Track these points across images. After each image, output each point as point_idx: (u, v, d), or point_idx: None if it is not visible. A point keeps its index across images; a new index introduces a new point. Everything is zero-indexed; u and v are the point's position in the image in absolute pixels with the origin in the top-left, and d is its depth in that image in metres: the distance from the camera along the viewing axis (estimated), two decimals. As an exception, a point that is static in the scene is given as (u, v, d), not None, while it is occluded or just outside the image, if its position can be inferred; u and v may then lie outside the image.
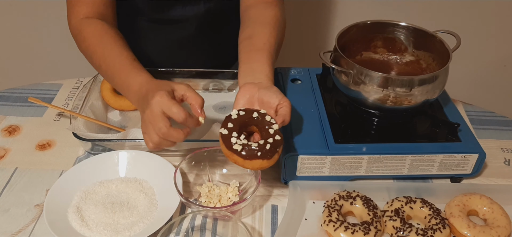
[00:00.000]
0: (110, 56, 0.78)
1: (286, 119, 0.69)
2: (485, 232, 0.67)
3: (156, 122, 0.65)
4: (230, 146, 0.65)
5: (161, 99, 0.65)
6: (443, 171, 0.77)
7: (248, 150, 0.65)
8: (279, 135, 0.67)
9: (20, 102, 0.97)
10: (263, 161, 0.65)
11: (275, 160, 0.66)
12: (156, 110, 0.65)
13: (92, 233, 0.68)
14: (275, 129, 0.67)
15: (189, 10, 0.94)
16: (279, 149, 0.66)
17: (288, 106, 0.69)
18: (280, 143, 0.66)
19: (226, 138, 0.66)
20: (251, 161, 0.65)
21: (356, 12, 1.63)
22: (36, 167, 0.81)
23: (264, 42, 0.81)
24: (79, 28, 0.83)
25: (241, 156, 0.65)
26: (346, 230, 0.66)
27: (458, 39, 0.81)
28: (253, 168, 0.66)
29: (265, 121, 0.69)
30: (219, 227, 0.70)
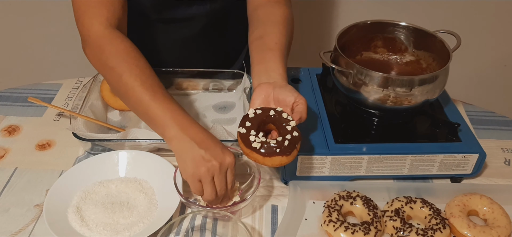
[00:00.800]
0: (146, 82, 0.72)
1: (303, 116, 0.70)
2: (485, 232, 0.67)
3: (223, 180, 0.67)
4: (249, 144, 0.66)
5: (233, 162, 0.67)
6: (443, 171, 0.77)
7: (267, 148, 0.66)
8: (297, 132, 0.68)
9: (20, 102, 0.97)
10: (282, 157, 0.65)
11: (294, 156, 0.67)
12: (224, 168, 0.66)
13: (92, 233, 0.68)
14: (293, 125, 0.68)
15: (194, 10, 0.94)
16: (297, 145, 0.67)
17: (304, 104, 0.70)
18: (299, 139, 0.67)
19: (245, 137, 0.67)
20: (270, 158, 0.66)
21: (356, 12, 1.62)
22: (36, 167, 0.81)
23: (276, 42, 0.80)
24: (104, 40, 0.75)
25: (261, 154, 0.66)
26: (346, 230, 0.66)
27: (458, 39, 0.81)
28: (273, 165, 0.66)
29: (282, 118, 0.69)
30: (219, 227, 0.70)
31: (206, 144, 0.67)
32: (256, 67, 0.78)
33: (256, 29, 0.85)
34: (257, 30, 0.84)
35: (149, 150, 0.81)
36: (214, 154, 0.66)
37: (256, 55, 0.80)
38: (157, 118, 0.70)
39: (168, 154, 0.82)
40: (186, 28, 0.97)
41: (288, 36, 0.83)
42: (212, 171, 0.66)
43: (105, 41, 0.75)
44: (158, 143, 0.79)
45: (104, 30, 0.76)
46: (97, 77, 0.94)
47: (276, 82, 0.74)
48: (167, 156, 0.81)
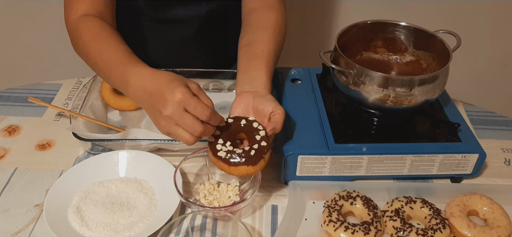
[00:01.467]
0: (106, 52, 0.75)
1: (277, 127, 0.69)
2: (485, 232, 0.67)
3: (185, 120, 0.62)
4: (216, 153, 0.66)
5: (183, 96, 0.62)
6: (443, 171, 0.77)
7: (233, 157, 0.65)
8: (265, 141, 0.67)
9: (20, 102, 0.97)
10: (248, 167, 0.65)
11: (261, 166, 0.66)
12: (178, 108, 0.62)
13: (92, 233, 0.68)
14: (262, 135, 0.68)
15: (191, 10, 0.94)
16: (265, 156, 0.66)
17: (280, 114, 0.69)
18: (267, 149, 0.66)
19: (212, 146, 0.67)
20: (236, 168, 0.65)
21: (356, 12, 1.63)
22: (36, 167, 0.81)
23: (263, 49, 0.80)
24: (76, 25, 0.81)
25: (226, 163, 0.66)
26: (346, 230, 0.66)
27: (458, 39, 0.81)
28: (239, 175, 0.67)
29: (253, 128, 0.69)
30: (219, 227, 0.70)
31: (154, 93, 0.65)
32: (241, 75, 0.79)
33: (246, 34, 0.85)
34: (247, 36, 0.85)
35: (149, 150, 0.81)
36: (162, 101, 0.63)
37: (242, 63, 0.81)
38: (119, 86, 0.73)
39: (168, 154, 0.82)
40: (183, 28, 0.97)
41: (277, 42, 0.84)
42: (170, 120, 0.63)
43: (76, 27, 0.80)
44: (158, 143, 0.79)
45: (78, 18, 0.81)
46: (97, 77, 0.94)
47: (257, 91, 0.74)
48: (167, 156, 0.81)
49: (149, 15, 0.95)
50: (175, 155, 0.82)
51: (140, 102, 0.69)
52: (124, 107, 0.92)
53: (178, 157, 0.81)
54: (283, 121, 0.69)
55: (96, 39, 0.78)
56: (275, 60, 0.82)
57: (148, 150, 0.81)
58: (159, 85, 0.65)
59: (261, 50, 0.80)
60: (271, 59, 0.80)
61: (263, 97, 0.72)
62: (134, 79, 0.69)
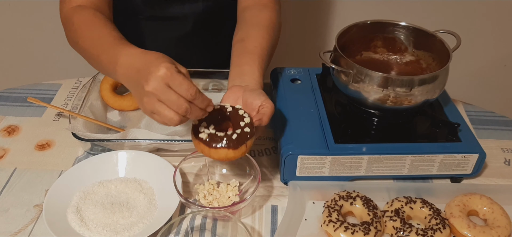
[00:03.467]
0: (98, 37, 0.74)
1: (264, 119, 0.68)
2: (485, 232, 0.67)
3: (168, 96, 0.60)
4: (197, 135, 0.66)
5: (168, 71, 0.59)
6: (443, 171, 0.77)
7: (213, 139, 0.65)
8: (249, 127, 0.67)
9: (19, 102, 0.97)
10: (228, 150, 0.65)
11: (242, 152, 0.66)
12: (161, 84, 0.59)
13: (91, 233, 0.68)
14: (247, 122, 0.68)
15: (187, 8, 0.95)
16: (247, 142, 0.66)
17: (269, 108, 0.69)
18: (250, 135, 0.66)
19: (195, 128, 0.67)
20: (216, 150, 0.65)
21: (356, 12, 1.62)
22: (35, 167, 0.81)
23: (256, 45, 0.81)
24: (69, 15, 0.80)
25: (206, 144, 0.65)
26: (346, 230, 0.66)
27: (458, 39, 0.81)
28: (219, 158, 0.66)
29: (238, 114, 0.69)
30: (219, 228, 0.70)
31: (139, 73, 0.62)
32: (233, 70, 0.79)
33: (240, 31, 0.86)
34: (240, 32, 0.85)
35: (148, 150, 0.81)
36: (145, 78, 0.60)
37: (235, 58, 0.81)
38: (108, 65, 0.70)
39: (168, 154, 0.82)
40: (179, 26, 0.97)
41: (270, 40, 0.84)
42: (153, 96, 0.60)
43: (70, 18, 0.80)
44: (158, 143, 0.79)
45: (71, 9, 0.80)
46: (96, 77, 0.94)
47: (248, 86, 0.74)
48: (167, 156, 0.81)
49: (145, 13, 0.95)
50: (174, 155, 0.82)
51: (128, 82, 0.66)
52: (123, 107, 0.92)
53: (177, 157, 0.81)
54: (270, 115, 0.69)
55: (88, 27, 0.77)
56: (267, 57, 0.83)
57: (147, 150, 0.81)
58: (146, 61, 0.63)
59: (253, 46, 0.81)
60: (263, 55, 0.80)
61: (253, 91, 0.72)
62: (124, 58, 0.67)
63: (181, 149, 0.81)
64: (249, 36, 0.83)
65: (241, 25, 0.88)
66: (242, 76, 0.77)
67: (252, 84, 0.75)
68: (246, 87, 0.74)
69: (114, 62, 0.68)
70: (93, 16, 0.79)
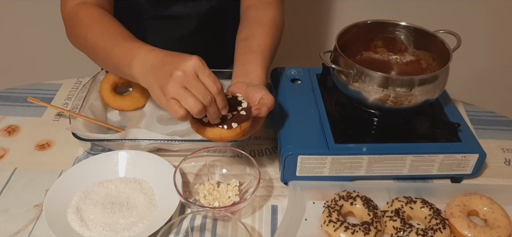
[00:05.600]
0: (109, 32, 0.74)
1: (262, 109, 0.69)
2: (486, 233, 0.67)
3: (196, 85, 0.61)
4: None
5: (200, 61, 0.61)
6: (443, 171, 0.77)
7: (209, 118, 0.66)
8: (245, 111, 0.68)
9: (19, 102, 0.97)
10: (222, 129, 0.66)
11: (236, 133, 0.67)
12: (192, 71, 0.61)
13: (91, 233, 0.68)
14: (244, 107, 0.69)
15: (191, 7, 0.95)
16: (243, 124, 0.67)
17: (269, 100, 0.70)
18: (245, 118, 0.67)
19: None
20: (211, 129, 0.66)
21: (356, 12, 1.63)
22: (35, 167, 0.81)
23: (259, 44, 0.82)
24: (75, 11, 0.79)
25: (202, 123, 0.66)
26: (346, 231, 0.66)
27: (458, 39, 0.81)
28: (213, 137, 0.66)
29: (236, 100, 0.71)
30: (219, 228, 0.70)
31: (165, 62, 0.63)
32: (237, 68, 0.80)
33: (243, 29, 0.87)
34: (244, 31, 0.86)
35: (148, 150, 0.81)
36: (175, 65, 0.61)
37: (239, 57, 0.82)
38: (122, 60, 0.70)
39: (168, 154, 0.82)
40: (181, 26, 0.97)
41: (273, 39, 0.84)
42: (179, 81, 0.61)
43: (74, 14, 0.79)
44: (158, 143, 0.79)
45: (75, 6, 0.80)
46: (96, 77, 0.94)
47: (251, 82, 0.75)
48: (167, 156, 0.81)
49: (149, 12, 0.95)
50: (175, 155, 0.82)
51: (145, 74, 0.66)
52: (123, 107, 0.92)
53: (178, 157, 0.81)
54: (270, 107, 0.70)
55: (98, 22, 0.77)
56: (271, 55, 0.83)
57: (147, 150, 0.81)
58: (174, 54, 0.64)
59: (257, 44, 0.81)
60: (266, 53, 0.81)
61: (256, 86, 0.73)
62: (144, 52, 0.67)
63: (181, 149, 0.81)
64: (253, 34, 0.84)
65: (245, 23, 0.88)
66: (245, 74, 0.77)
67: (255, 81, 0.76)
68: (249, 83, 0.75)
69: (130, 57, 0.68)
70: (102, 12, 0.79)
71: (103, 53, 0.74)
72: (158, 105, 0.92)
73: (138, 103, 0.92)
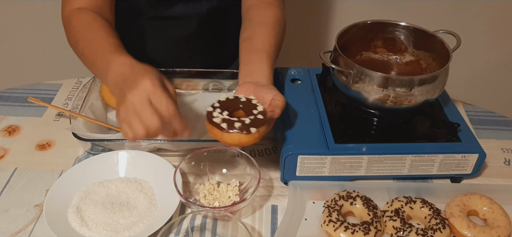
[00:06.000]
0: (95, 40, 0.75)
1: (276, 111, 0.70)
2: (485, 232, 0.67)
3: (144, 111, 0.59)
4: (211, 119, 0.67)
5: (152, 85, 0.59)
6: (443, 171, 0.77)
7: (227, 123, 0.66)
8: (262, 115, 0.68)
9: (19, 102, 0.97)
10: (241, 134, 0.66)
11: (254, 138, 0.67)
12: (143, 96, 0.59)
13: (91, 233, 0.68)
14: (260, 110, 0.69)
15: (191, 8, 0.95)
16: (260, 128, 0.67)
17: (281, 100, 0.70)
18: (262, 122, 0.67)
19: (209, 114, 0.68)
20: (229, 134, 0.66)
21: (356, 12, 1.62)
22: (35, 167, 0.81)
23: (264, 43, 0.81)
24: (70, 17, 0.81)
25: (220, 128, 0.66)
26: (346, 230, 0.66)
27: (458, 39, 0.81)
28: (232, 142, 0.66)
29: (251, 104, 0.71)
30: (219, 227, 0.70)
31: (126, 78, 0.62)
32: (243, 68, 0.80)
33: (246, 29, 0.86)
34: (247, 31, 0.86)
35: (149, 150, 0.81)
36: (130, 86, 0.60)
37: (244, 56, 0.82)
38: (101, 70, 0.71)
39: (168, 154, 0.82)
40: (182, 26, 0.97)
41: (277, 37, 0.84)
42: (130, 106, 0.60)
43: (70, 19, 0.81)
44: (158, 143, 0.79)
45: (72, 11, 0.81)
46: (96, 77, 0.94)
47: (259, 81, 0.75)
48: (167, 156, 0.81)
49: (149, 13, 0.95)
50: (175, 155, 0.82)
51: (115, 89, 0.66)
52: (124, 107, 0.92)
53: (178, 157, 0.81)
54: (283, 107, 0.70)
55: (86, 29, 0.78)
56: (275, 54, 0.83)
57: (148, 150, 0.81)
58: (135, 71, 0.64)
59: (261, 44, 0.81)
60: (271, 52, 0.81)
61: (265, 86, 0.73)
62: (115, 64, 0.67)
63: (181, 149, 0.81)
64: (256, 34, 0.83)
65: (247, 24, 0.88)
66: (252, 74, 0.77)
67: (263, 80, 0.76)
68: (257, 83, 0.74)
69: (106, 68, 0.69)
70: (93, 19, 0.80)
71: (89, 62, 0.76)
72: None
73: (138, 103, 0.92)
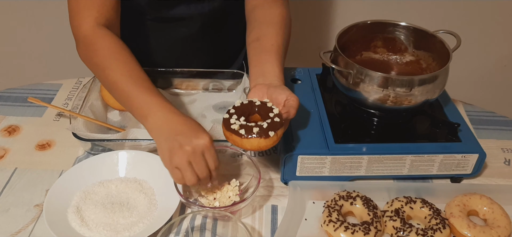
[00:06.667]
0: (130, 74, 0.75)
1: (291, 111, 0.70)
2: (485, 232, 0.67)
3: (200, 162, 0.66)
4: (229, 126, 0.67)
5: (208, 142, 0.66)
6: (443, 171, 0.77)
7: (245, 129, 0.66)
8: (278, 118, 0.68)
9: (19, 102, 0.97)
10: (260, 139, 0.66)
11: (274, 141, 0.67)
12: (200, 149, 0.66)
13: (91, 233, 0.68)
14: (276, 113, 0.69)
15: (193, 9, 0.94)
16: (278, 131, 0.67)
17: (295, 101, 0.70)
18: (279, 125, 0.67)
19: (226, 121, 0.69)
20: (248, 140, 0.66)
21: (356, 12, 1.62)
22: (35, 167, 0.81)
23: (272, 43, 0.81)
24: (92, 38, 0.79)
25: (239, 135, 0.66)
26: (346, 230, 0.66)
27: (458, 39, 0.81)
28: (251, 148, 0.67)
29: (266, 107, 0.70)
30: (219, 227, 0.70)
31: (181, 131, 0.67)
32: (253, 70, 0.79)
33: (253, 30, 0.86)
34: (254, 31, 0.85)
35: (149, 150, 0.81)
36: (188, 139, 0.66)
37: (253, 57, 0.81)
38: (139, 109, 0.72)
39: (168, 154, 0.82)
40: (184, 27, 0.97)
41: (285, 36, 0.84)
42: (187, 156, 0.65)
43: (92, 39, 0.79)
44: (158, 143, 0.79)
45: (92, 29, 0.79)
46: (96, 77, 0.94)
47: (272, 83, 0.75)
48: (167, 156, 0.81)
49: (151, 14, 0.94)
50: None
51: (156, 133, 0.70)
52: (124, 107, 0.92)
53: (178, 157, 0.81)
54: (297, 107, 0.70)
55: (116, 58, 0.77)
56: (284, 53, 0.83)
57: (148, 150, 0.81)
58: (191, 126, 0.68)
59: (270, 44, 0.81)
60: (280, 52, 0.81)
61: (278, 87, 0.73)
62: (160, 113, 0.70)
63: (182, 149, 0.81)
64: (264, 34, 0.83)
65: (253, 24, 0.87)
66: (264, 75, 0.77)
67: (275, 81, 0.76)
68: (270, 84, 0.74)
69: (147, 110, 0.71)
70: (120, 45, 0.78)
71: (122, 95, 0.75)
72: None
73: (138, 103, 0.92)
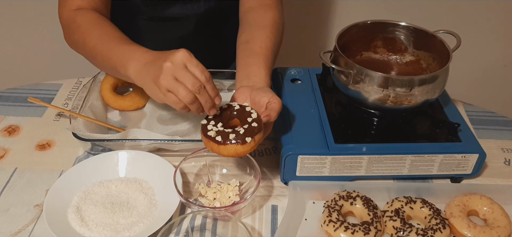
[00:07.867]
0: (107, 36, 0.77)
1: (272, 114, 0.69)
2: (485, 232, 0.67)
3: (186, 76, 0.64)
4: (206, 133, 0.67)
5: (188, 54, 0.65)
6: (443, 171, 0.77)
7: (222, 136, 0.66)
8: (257, 122, 0.68)
9: (19, 102, 0.97)
10: (237, 146, 0.66)
11: (250, 147, 0.66)
12: (180, 63, 0.64)
13: (91, 233, 0.68)
14: (254, 118, 0.69)
15: (188, 9, 0.95)
16: (255, 137, 0.67)
17: (277, 103, 0.70)
18: (257, 130, 0.67)
19: (204, 127, 0.69)
20: (225, 147, 0.66)
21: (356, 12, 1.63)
22: (35, 167, 0.81)
23: (261, 46, 0.81)
24: (73, 17, 0.82)
25: (216, 142, 0.66)
26: (346, 230, 0.66)
27: (458, 39, 0.81)
28: (229, 154, 0.67)
29: (245, 111, 0.70)
30: (219, 227, 0.70)
31: (157, 57, 0.67)
32: (240, 72, 0.80)
33: (244, 32, 0.86)
34: (244, 34, 0.86)
35: (149, 150, 0.81)
36: (164, 57, 0.65)
37: (241, 60, 0.82)
38: (119, 61, 0.73)
39: (168, 154, 0.82)
40: (180, 27, 0.97)
41: (275, 40, 0.84)
42: (170, 73, 0.64)
43: (72, 19, 0.82)
44: (158, 143, 0.79)
45: (73, 12, 0.82)
46: (97, 77, 0.94)
47: (255, 84, 0.75)
48: (167, 156, 0.81)
49: (146, 13, 0.95)
50: (175, 155, 0.82)
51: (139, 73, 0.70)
52: (124, 107, 0.92)
53: (178, 157, 0.81)
54: (279, 110, 0.70)
55: (94, 27, 0.80)
56: (273, 57, 0.83)
57: (148, 150, 0.81)
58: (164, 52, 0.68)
59: (259, 47, 0.81)
60: (269, 55, 0.81)
61: (260, 89, 0.73)
62: (140, 53, 0.71)
63: (182, 149, 0.81)
64: (254, 37, 0.83)
65: (245, 26, 0.88)
66: (249, 77, 0.77)
67: (260, 83, 0.76)
68: (253, 86, 0.74)
69: (126, 59, 0.72)
70: (99, 17, 0.82)
71: (101, 57, 0.77)
72: (158, 105, 0.92)
73: (138, 103, 0.92)
